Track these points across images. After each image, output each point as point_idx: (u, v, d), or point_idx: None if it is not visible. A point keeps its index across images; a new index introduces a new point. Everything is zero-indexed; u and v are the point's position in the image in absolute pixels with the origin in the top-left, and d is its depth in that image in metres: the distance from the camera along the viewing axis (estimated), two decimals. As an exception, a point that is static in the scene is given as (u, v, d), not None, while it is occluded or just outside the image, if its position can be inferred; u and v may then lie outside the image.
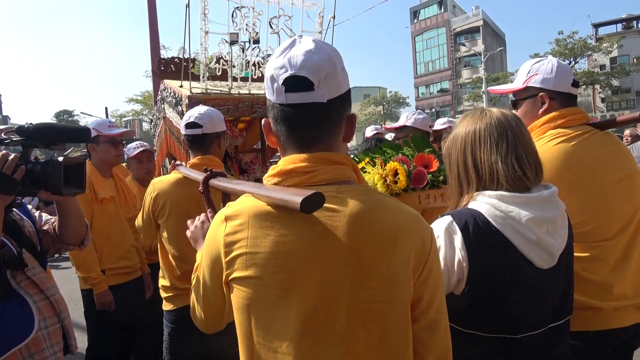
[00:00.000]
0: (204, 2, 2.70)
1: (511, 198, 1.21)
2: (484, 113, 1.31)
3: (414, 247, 0.94)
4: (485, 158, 1.25)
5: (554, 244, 1.23)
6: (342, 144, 1.02)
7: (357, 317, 0.91)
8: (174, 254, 2.23)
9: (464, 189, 1.32)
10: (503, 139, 1.24)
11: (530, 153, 1.26)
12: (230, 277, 0.96)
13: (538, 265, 1.22)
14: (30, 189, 1.39)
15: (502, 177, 1.23)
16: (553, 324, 1.27)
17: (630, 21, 37.94)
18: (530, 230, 1.20)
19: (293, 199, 0.85)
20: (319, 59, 0.92)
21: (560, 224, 1.26)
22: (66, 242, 1.65)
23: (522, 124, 1.30)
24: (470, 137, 1.29)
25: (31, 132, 1.38)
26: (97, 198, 2.78)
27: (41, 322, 1.45)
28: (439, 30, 47.95)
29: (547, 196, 1.24)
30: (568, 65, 1.80)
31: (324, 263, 0.91)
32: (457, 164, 1.32)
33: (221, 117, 2.31)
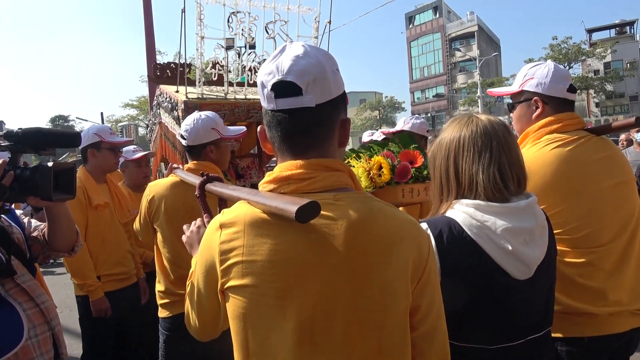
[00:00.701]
0: (200, 7, 2.70)
1: (488, 207, 1.19)
2: (471, 120, 1.29)
3: (411, 255, 0.93)
4: (466, 168, 1.23)
5: (531, 254, 1.20)
6: (338, 149, 1.00)
7: (354, 326, 0.90)
8: (169, 257, 2.22)
9: (444, 195, 1.31)
10: (487, 149, 1.22)
11: (513, 164, 1.23)
12: (225, 286, 0.95)
13: (514, 276, 1.19)
14: (19, 195, 1.37)
15: (480, 187, 1.21)
16: (533, 335, 1.23)
17: (624, 27, 38.32)
18: (506, 241, 1.17)
19: (289, 207, 0.84)
20: (306, 63, 0.92)
21: (538, 234, 1.24)
22: (56, 248, 1.63)
23: (509, 132, 1.28)
24: (454, 145, 1.27)
25: (20, 137, 1.36)
26: (92, 204, 2.76)
27: (30, 331, 1.42)
28: (434, 36, 48.22)
29: (525, 206, 1.21)
30: (566, 70, 1.79)
31: (321, 271, 0.89)
32: (440, 170, 1.31)
33: (209, 126, 2.26)
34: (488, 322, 1.20)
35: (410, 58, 51.25)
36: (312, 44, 3.29)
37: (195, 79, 3.11)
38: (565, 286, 1.58)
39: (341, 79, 0.99)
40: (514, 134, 1.33)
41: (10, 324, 1.39)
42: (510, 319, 1.21)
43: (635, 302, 1.60)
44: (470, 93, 38.49)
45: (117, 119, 37.50)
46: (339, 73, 0.98)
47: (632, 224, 1.64)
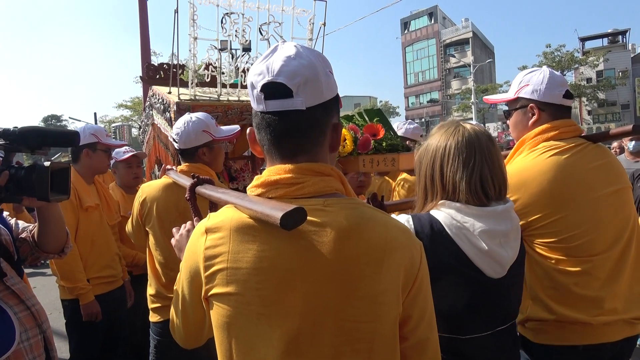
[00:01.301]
0: (193, 7, 2.67)
1: (468, 210, 1.26)
2: (457, 129, 1.33)
3: (402, 264, 0.90)
4: (451, 175, 1.29)
5: (505, 255, 1.27)
6: (329, 154, 0.97)
7: (343, 337, 0.87)
8: (161, 260, 2.18)
9: (428, 197, 1.36)
10: (471, 159, 1.28)
11: (495, 173, 1.29)
12: (209, 293, 0.91)
13: (488, 274, 1.26)
14: (14, 195, 1.34)
15: (462, 194, 1.27)
16: (500, 327, 1.32)
17: (616, 36, 38.80)
18: (483, 242, 1.24)
19: (274, 213, 0.81)
20: (297, 65, 0.88)
21: (512, 237, 1.31)
22: (46, 250, 1.60)
23: (493, 143, 1.33)
24: (440, 152, 1.33)
25: (17, 136, 1.33)
26: (83, 206, 2.72)
27: (22, 334, 1.39)
28: (429, 42, 48.55)
29: (502, 211, 1.28)
30: (561, 76, 1.77)
31: (308, 280, 0.86)
32: (425, 174, 1.36)
33: (200, 128, 2.23)
34: (462, 315, 1.25)
35: (405, 63, 51.54)
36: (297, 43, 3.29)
37: (188, 80, 3.08)
38: (561, 295, 1.58)
39: (334, 82, 0.95)
40: (497, 144, 1.37)
41: (2, 328, 1.35)
42: (483, 314, 1.29)
43: (630, 311, 1.59)
44: (464, 99, 38.73)
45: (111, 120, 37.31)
46: (332, 75, 0.95)
47: (627, 232, 1.63)
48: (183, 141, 2.21)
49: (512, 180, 1.61)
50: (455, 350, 1.28)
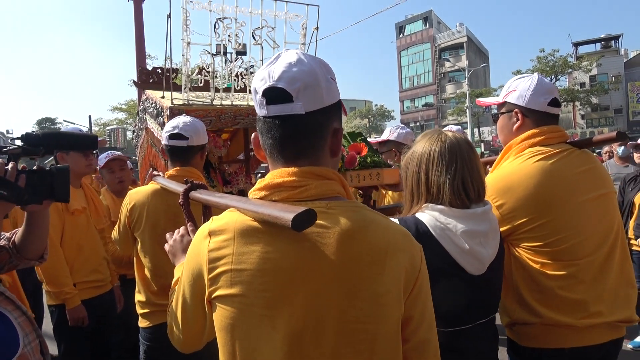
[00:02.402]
0: (186, 13, 2.68)
1: (450, 212, 1.37)
2: (440, 136, 1.44)
3: (404, 266, 0.92)
4: (435, 178, 1.40)
5: (485, 253, 1.38)
6: (330, 158, 0.99)
7: (345, 338, 0.89)
8: (150, 267, 2.17)
9: (414, 200, 1.46)
10: (453, 164, 1.39)
11: (475, 178, 1.40)
12: (213, 295, 0.93)
13: (469, 271, 1.38)
14: (34, 198, 1.34)
15: (446, 196, 1.38)
16: (480, 320, 1.43)
17: (609, 41, 39.08)
18: (464, 241, 1.35)
19: (284, 215, 0.82)
20: (297, 70, 0.91)
21: (491, 236, 1.42)
22: (28, 256, 1.57)
23: (472, 149, 1.44)
24: (425, 157, 1.43)
25: (40, 140, 1.35)
26: (69, 209, 2.69)
27: (25, 339, 1.39)
28: (424, 46, 48.70)
29: (481, 212, 1.39)
30: (551, 83, 1.79)
31: (312, 281, 0.88)
32: (412, 178, 1.46)
33: (204, 127, 2.27)
34: (445, 310, 1.28)
35: (400, 67, 51.66)
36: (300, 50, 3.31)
37: (182, 84, 3.08)
38: (546, 298, 1.59)
39: (336, 88, 0.98)
40: (476, 151, 1.48)
41: (6, 334, 1.34)
42: (465, 308, 1.39)
43: (615, 314, 1.60)
44: (459, 103, 38.92)
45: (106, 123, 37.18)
46: (334, 82, 0.97)
47: (612, 236, 1.65)
48: (196, 137, 2.17)
49: (498, 184, 1.64)
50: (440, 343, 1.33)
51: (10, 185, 1.25)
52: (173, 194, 1.90)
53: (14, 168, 1.28)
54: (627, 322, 1.63)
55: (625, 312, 1.62)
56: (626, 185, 4.35)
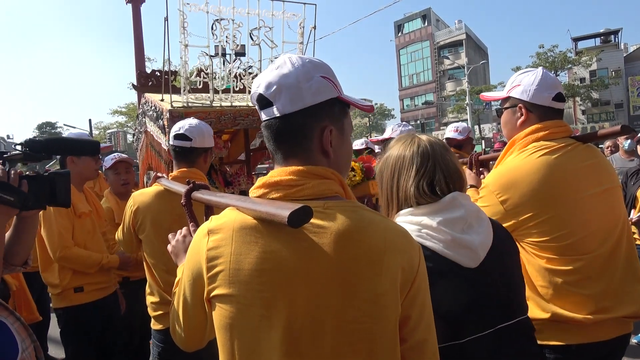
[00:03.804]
0: (183, 15, 2.67)
1: (418, 210, 1.29)
2: (413, 141, 1.38)
3: (401, 265, 0.91)
4: (404, 184, 1.34)
5: (472, 239, 1.26)
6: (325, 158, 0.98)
7: (343, 338, 0.88)
8: (160, 267, 2.18)
9: (389, 208, 1.40)
10: (423, 167, 1.33)
11: (450, 176, 1.32)
12: (212, 294, 0.93)
13: (465, 264, 1.25)
14: (37, 203, 1.34)
15: (412, 198, 1.31)
16: (503, 324, 1.26)
17: (609, 35, 39.04)
18: (445, 232, 1.25)
19: (280, 212, 0.83)
20: (275, 75, 0.95)
21: (475, 222, 1.30)
22: (14, 262, 1.54)
23: (448, 151, 1.38)
24: (398, 163, 1.37)
25: (43, 145, 1.37)
26: (76, 213, 2.72)
27: (22, 344, 1.38)
28: (423, 44, 48.77)
29: (449, 200, 1.29)
30: (555, 78, 1.78)
31: (309, 281, 0.88)
32: (387, 186, 1.40)
33: (211, 132, 2.29)
34: (452, 316, 1.22)
35: (400, 66, 51.73)
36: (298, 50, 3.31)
37: (181, 86, 3.08)
38: (553, 294, 1.59)
39: (328, 86, 0.97)
40: (453, 152, 1.42)
41: (6, 340, 1.34)
42: (474, 309, 1.25)
43: (621, 309, 1.59)
44: (458, 100, 38.88)
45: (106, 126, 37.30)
46: (328, 80, 0.97)
47: (617, 231, 1.64)
48: (200, 139, 2.19)
49: (502, 180, 1.63)
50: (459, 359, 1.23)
51: (16, 190, 1.25)
52: (177, 195, 1.90)
53: (17, 173, 1.28)
54: (634, 317, 1.62)
55: (632, 306, 1.61)
56: (628, 180, 4.33)
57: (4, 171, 1.25)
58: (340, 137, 1.00)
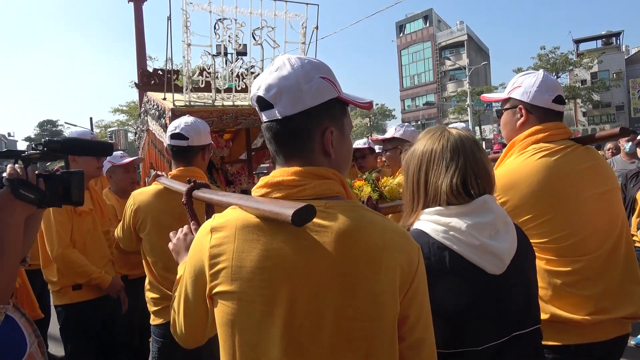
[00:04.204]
0: (186, 14, 2.68)
1: (447, 211, 1.25)
2: (443, 134, 1.34)
3: (400, 265, 0.93)
4: (434, 180, 1.29)
5: (500, 247, 1.23)
6: (326, 158, 0.99)
7: (342, 335, 0.90)
8: (160, 265, 2.19)
9: (414, 202, 1.36)
10: (454, 162, 1.28)
11: (480, 176, 1.29)
12: (213, 291, 0.95)
13: (490, 271, 1.22)
14: (54, 201, 1.37)
15: (443, 195, 1.26)
16: (517, 332, 1.26)
17: (610, 37, 39.01)
18: (473, 237, 1.21)
19: (284, 211, 0.84)
20: (275, 77, 0.96)
21: (502, 228, 1.27)
22: None
23: (478, 147, 1.33)
24: (426, 157, 1.33)
25: (61, 145, 1.39)
26: (76, 211, 2.72)
27: (29, 338, 1.40)
28: (425, 44, 48.69)
29: (481, 203, 1.25)
30: (556, 81, 1.79)
31: (310, 278, 0.89)
32: (413, 179, 1.36)
33: (208, 129, 2.28)
34: (473, 323, 1.22)
35: (401, 66, 51.65)
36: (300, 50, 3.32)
37: (183, 85, 3.09)
38: (552, 294, 1.59)
39: (328, 87, 0.97)
40: (483, 149, 1.38)
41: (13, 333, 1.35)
42: (493, 317, 1.23)
43: (620, 310, 1.60)
44: (459, 101, 38.83)
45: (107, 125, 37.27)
46: (328, 81, 0.97)
47: (616, 232, 1.65)
48: (196, 137, 2.19)
49: (502, 181, 1.64)
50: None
51: (35, 188, 1.28)
52: (177, 194, 1.91)
53: (33, 171, 1.30)
54: (632, 318, 1.63)
55: (631, 307, 1.62)
56: (628, 182, 4.33)
57: (22, 169, 1.28)
58: (341, 137, 1.01)
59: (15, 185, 1.24)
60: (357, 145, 3.66)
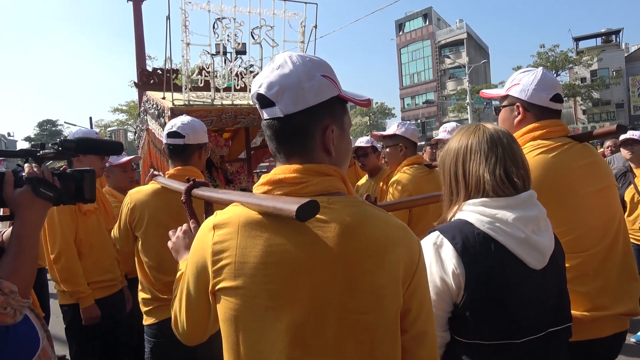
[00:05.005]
0: (185, 13, 2.69)
1: (494, 202, 1.25)
2: (478, 128, 1.36)
3: (402, 259, 0.94)
4: (474, 170, 1.30)
5: (543, 242, 1.26)
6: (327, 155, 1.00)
7: (346, 328, 0.91)
8: (153, 265, 2.19)
9: (453, 198, 1.37)
10: (493, 153, 1.29)
11: (518, 167, 1.30)
12: (217, 287, 0.95)
13: (531, 265, 1.24)
14: (69, 199, 1.39)
15: (487, 184, 1.27)
16: (552, 328, 1.28)
17: (610, 35, 38.97)
18: (519, 229, 1.23)
19: (288, 207, 0.85)
20: (277, 75, 0.96)
21: (543, 224, 1.30)
22: None
23: (514, 140, 1.35)
24: (462, 150, 1.34)
25: (75, 144, 1.43)
26: (81, 210, 2.72)
27: (40, 333, 1.41)
28: (424, 43, 48.66)
29: (527, 197, 1.27)
30: (555, 79, 1.79)
31: (313, 273, 0.90)
32: (450, 174, 1.37)
33: (204, 128, 2.29)
34: (515, 313, 1.23)
35: (400, 65, 51.63)
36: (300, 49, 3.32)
37: (182, 84, 3.09)
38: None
39: (329, 85, 0.98)
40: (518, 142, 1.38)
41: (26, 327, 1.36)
42: (534, 309, 1.25)
43: (619, 306, 1.61)
44: (459, 100, 38.84)
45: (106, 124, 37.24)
46: (329, 79, 0.98)
47: (613, 229, 1.66)
48: (193, 136, 2.20)
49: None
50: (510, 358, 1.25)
51: (53, 186, 1.31)
52: (173, 192, 1.91)
53: (49, 170, 1.33)
54: (630, 314, 1.63)
55: (629, 304, 1.62)
56: (617, 181, 4.35)
57: (39, 168, 1.30)
58: (341, 134, 1.02)
59: (36, 184, 1.26)
60: (359, 143, 3.66)
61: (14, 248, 1.25)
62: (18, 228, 1.27)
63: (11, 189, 1.27)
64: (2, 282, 1.19)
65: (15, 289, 1.21)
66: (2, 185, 1.27)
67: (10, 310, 1.20)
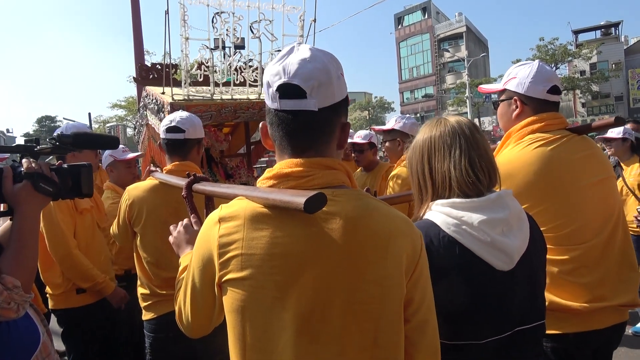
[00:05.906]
0: (184, 8, 2.68)
1: (462, 204, 1.24)
2: (440, 121, 1.35)
3: (405, 250, 0.97)
4: (439, 166, 1.29)
5: (510, 244, 1.23)
6: (336, 150, 1.03)
7: (351, 317, 0.93)
8: (151, 261, 2.19)
9: (422, 196, 1.35)
10: (455, 145, 1.28)
11: (483, 158, 1.28)
12: (223, 279, 0.97)
13: (498, 267, 1.23)
14: (67, 194, 1.40)
15: (454, 182, 1.26)
16: (520, 327, 1.27)
17: (609, 28, 38.83)
18: (484, 233, 1.21)
19: (295, 199, 0.87)
20: (312, 68, 0.95)
21: (516, 224, 1.27)
22: None
23: (477, 129, 1.33)
24: (426, 145, 1.33)
25: (72, 139, 1.43)
26: (78, 209, 2.68)
27: (40, 328, 1.42)
28: (423, 36, 48.48)
29: (495, 198, 1.25)
30: (551, 71, 1.80)
31: (319, 264, 0.92)
32: (417, 172, 1.36)
33: (201, 123, 2.30)
34: (477, 317, 1.24)
35: (400, 58, 51.47)
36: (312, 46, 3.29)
37: (182, 79, 3.09)
38: (551, 283, 1.60)
39: (344, 84, 1.02)
40: (482, 131, 1.38)
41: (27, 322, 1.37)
42: (498, 312, 1.24)
43: (618, 297, 1.62)
44: (459, 93, 38.76)
45: (105, 120, 37.13)
46: (343, 77, 1.01)
47: (613, 220, 1.67)
48: (192, 130, 2.20)
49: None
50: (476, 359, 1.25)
51: (52, 181, 1.31)
52: (171, 188, 1.92)
53: (47, 165, 1.33)
54: (630, 305, 1.65)
55: (628, 295, 1.64)
56: None
57: (37, 163, 1.31)
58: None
59: (35, 179, 1.27)
60: (356, 138, 3.65)
61: (15, 243, 1.26)
62: (19, 223, 1.28)
63: (10, 185, 1.27)
64: (5, 277, 1.20)
65: (19, 284, 1.22)
66: (2, 181, 1.27)
67: (14, 305, 1.21)
